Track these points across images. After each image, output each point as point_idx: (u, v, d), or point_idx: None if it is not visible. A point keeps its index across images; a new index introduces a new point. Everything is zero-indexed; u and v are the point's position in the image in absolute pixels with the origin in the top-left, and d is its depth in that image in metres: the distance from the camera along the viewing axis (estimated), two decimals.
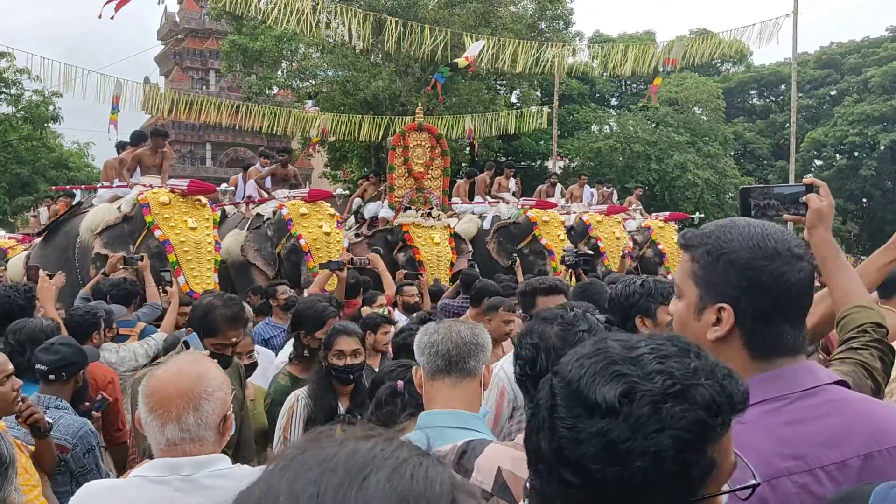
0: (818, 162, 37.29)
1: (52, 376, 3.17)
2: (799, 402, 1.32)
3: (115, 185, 9.82)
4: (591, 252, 11.23)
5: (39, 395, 3.15)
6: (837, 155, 36.16)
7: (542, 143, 31.40)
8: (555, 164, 27.19)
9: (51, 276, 5.89)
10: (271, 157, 12.97)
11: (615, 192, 17.74)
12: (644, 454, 0.89)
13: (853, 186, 34.75)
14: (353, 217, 13.99)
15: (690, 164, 30.64)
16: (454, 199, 14.46)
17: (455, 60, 20.90)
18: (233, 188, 12.57)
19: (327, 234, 10.18)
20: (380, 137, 24.89)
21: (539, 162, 32.70)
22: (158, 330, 5.17)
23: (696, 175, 30.50)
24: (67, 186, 17.64)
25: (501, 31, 24.81)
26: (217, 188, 10.13)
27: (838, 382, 1.38)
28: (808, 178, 1.92)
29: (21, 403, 2.82)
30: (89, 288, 6.09)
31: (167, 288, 5.79)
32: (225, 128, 27.94)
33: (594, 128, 34.05)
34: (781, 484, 1.25)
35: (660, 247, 14.60)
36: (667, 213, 16.99)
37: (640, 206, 17.08)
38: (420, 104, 14.62)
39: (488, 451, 1.66)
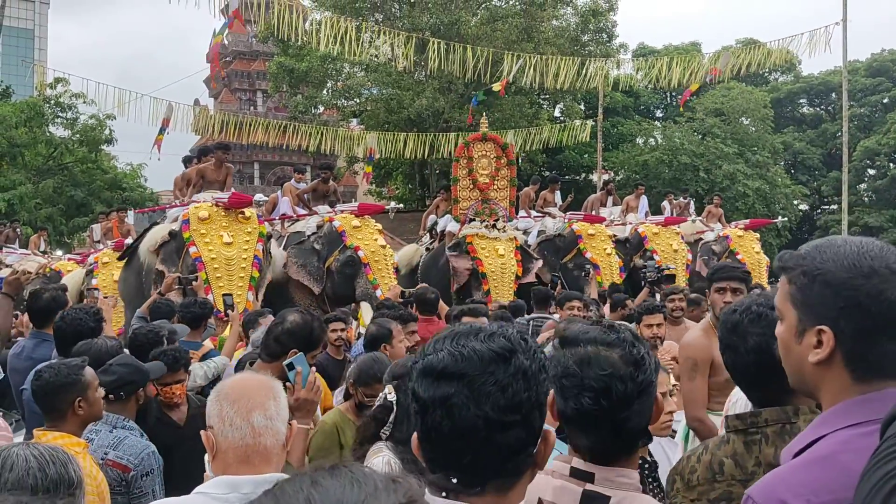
0: (871, 171, 36.40)
1: (111, 396, 3.26)
2: None
3: (179, 204, 9.68)
4: (671, 266, 10.82)
5: (106, 413, 3.24)
6: (891, 164, 35.26)
7: (586, 156, 31.27)
8: (599, 178, 27.02)
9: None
10: (304, 172, 12.87)
11: (692, 202, 16.79)
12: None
13: None
14: (428, 234, 13.68)
15: (740, 174, 30.17)
16: None
17: (491, 86, 20.98)
18: (266, 198, 12.04)
19: (383, 247, 9.98)
20: (424, 155, 25.06)
21: (584, 175, 32.55)
22: (221, 354, 5.25)
23: (746, 185, 30.01)
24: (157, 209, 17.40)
25: (544, 46, 24.84)
26: (252, 198, 9.95)
27: None
28: None
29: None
30: (146, 308, 6.22)
31: (229, 312, 5.83)
32: (272, 147, 28.41)
33: (639, 140, 33.79)
34: None
35: (739, 256, 13.75)
36: (747, 221, 16.23)
37: (722, 215, 16.10)
38: (484, 114, 14.36)
39: None
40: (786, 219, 24.81)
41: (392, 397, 2.90)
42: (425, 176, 29.78)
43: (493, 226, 11.83)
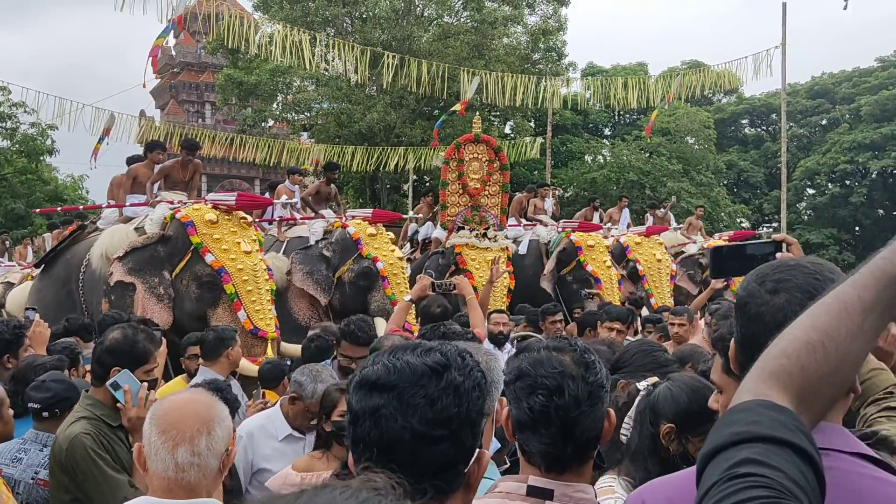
0: (811, 190, 37.47)
1: (45, 413, 3.13)
2: None
3: (128, 205, 8.59)
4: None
5: (37, 431, 3.12)
6: (829, 183, 36.36)
7: (535, 172, 31.56)
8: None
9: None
10: (301, 174, 11.91)
11: (671, 215, 16.32)
12: None
13: (845, 214, 34.95)
14: (409, 244, 12.96)
15: (684, 192, 30.83)
16: None
17: (453, 109, 21.01)
18: (294, 201, 10.91)
19: (400, 259, 9.26)
20: (371, 168, 25.08)
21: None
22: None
23: (690, 203, 30.65)
24: (81, 207, 16.65)
25: (495, 63, 25.05)
26: (274, 201, 9.10)
27: (865, 456, 1.13)
28: (779, 235, 1.84)
29: None
30: None
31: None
32: (220, 159, 28.04)
33: (588, 158, 34.26)
34: None
35: None
36: (731, 233, 15.84)
37: (702, 227, 15.70)
38: (477, 114, 13.78)
39: None
40: (771, 230, 25.18)
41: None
42: (376, 190, 29.71)
43: (484, 235, 11.06)
